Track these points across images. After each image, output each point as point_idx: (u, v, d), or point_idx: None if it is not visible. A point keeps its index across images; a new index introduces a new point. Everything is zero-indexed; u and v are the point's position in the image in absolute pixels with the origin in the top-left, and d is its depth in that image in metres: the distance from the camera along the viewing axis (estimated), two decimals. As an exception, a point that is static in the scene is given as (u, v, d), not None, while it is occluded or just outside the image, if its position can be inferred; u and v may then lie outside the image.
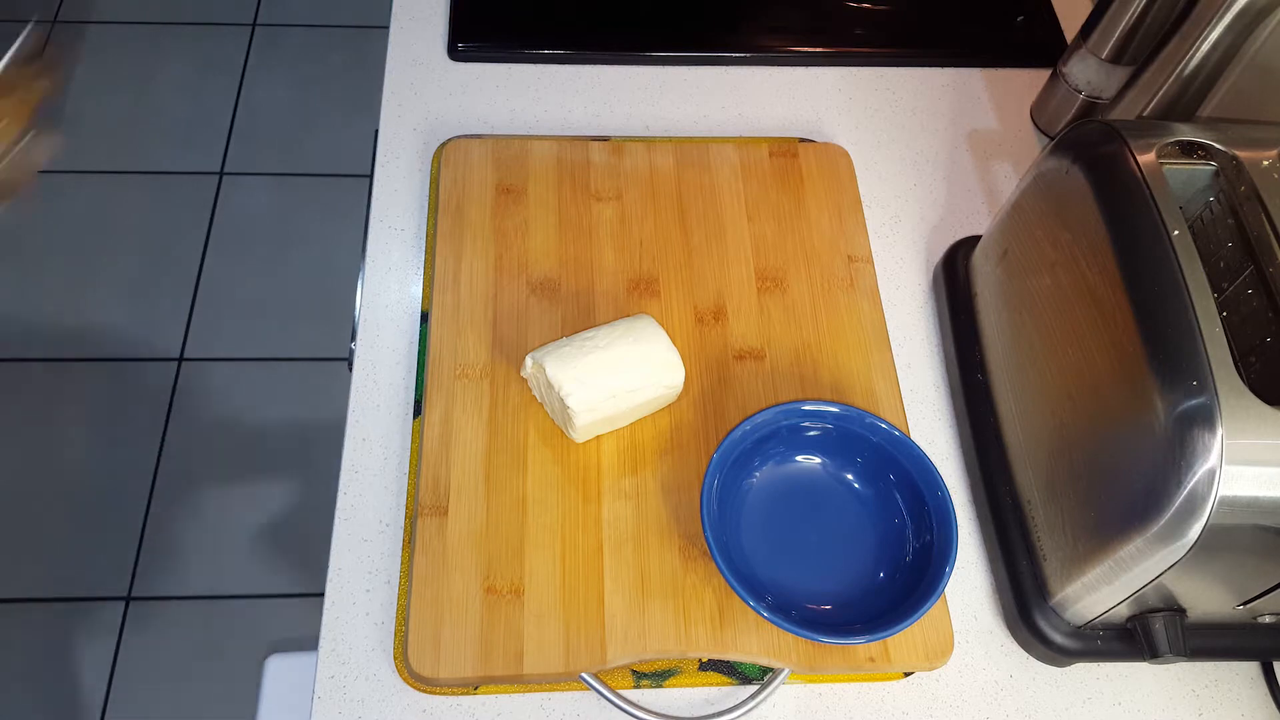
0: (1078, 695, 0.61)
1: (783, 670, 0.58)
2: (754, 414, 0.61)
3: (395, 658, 0.58)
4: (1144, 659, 0.56)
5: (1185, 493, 0.47)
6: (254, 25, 2.05)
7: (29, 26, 0.45)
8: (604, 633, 0.58)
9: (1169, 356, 0.49)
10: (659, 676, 0.59)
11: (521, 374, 0.63)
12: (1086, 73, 0.77)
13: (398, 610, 0.60)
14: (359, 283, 0.73)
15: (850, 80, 0.87)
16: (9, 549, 1.48)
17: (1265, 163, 0.55)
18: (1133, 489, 0.50)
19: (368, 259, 0.73)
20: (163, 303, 1.70)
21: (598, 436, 0.64)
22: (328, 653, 0.59)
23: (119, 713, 1.36)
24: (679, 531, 0.61)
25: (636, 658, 0.57)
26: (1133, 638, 0.57)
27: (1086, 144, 0.59)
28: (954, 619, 0.61)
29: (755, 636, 0.58)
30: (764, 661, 0.58)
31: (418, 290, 0.71)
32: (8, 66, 0.51)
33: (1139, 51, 0.73)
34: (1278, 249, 0.53)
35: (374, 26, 2.10)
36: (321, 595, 0.60)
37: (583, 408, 0.60)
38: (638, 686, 0.59)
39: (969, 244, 0.73)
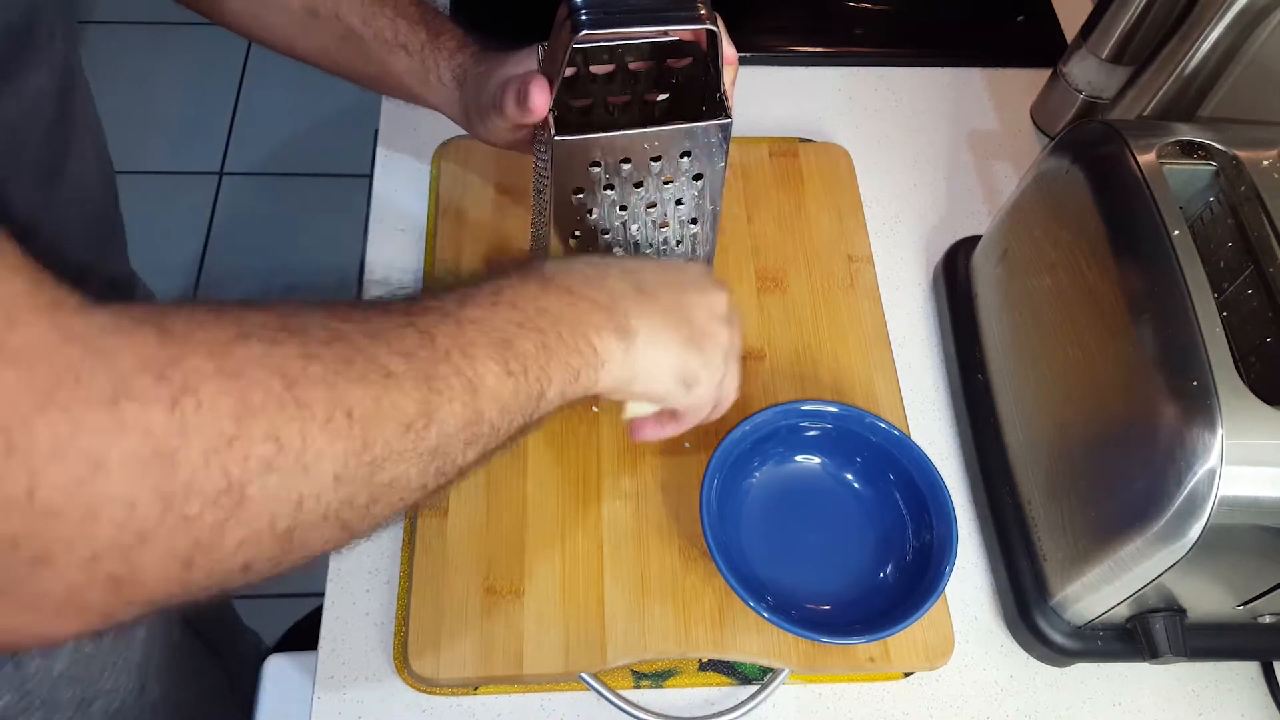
0: (1078, 695, 0.61)
1: (783, 670, 0.58)
2: (753, 414, 0.61)
3: (395, 658, 0.58)
4: (1144, 659, 0.56)
5: (1185, 493, 0.47)
6: (254, 25, 2.05)
7: None
8: (604, 633, 0.58)
9: (1169, 356, 0.49)
10: (659, 676, 0.59)
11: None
12: (1086, 73, 0.77)
13: (398, 610, 0.60)
14: (359, 283, 0.73)
15: (850, 80, 0.87)
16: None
17: (1265, 163, 0.55)
18: (1133, 489, 0.50)
19: (368, 259, 0.73)
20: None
21: (598, 436, 0.64)
22: (328, 653, 0.59)
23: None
24: (679, 531, 0.61)
25: (636, 658, 0.57)
26: (1133, 638, 0.57)
27: (1086, 144, 0.59)
28: (954, 619, 0.61)
29: (755, 636, 0.58)
30: (764, 661, 0.58)
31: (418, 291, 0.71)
32: None
33: (1139, 51, 0.73)
34: (1278, 249, 0.53)
35: (374, 26, 2.10)
36: (321, 595, 0.60)
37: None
38: (638, 686, 0.59)
39: (969, 244, 0.73)
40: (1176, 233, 0.52)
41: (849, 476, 0.63)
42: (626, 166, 0.54)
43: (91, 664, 0.63)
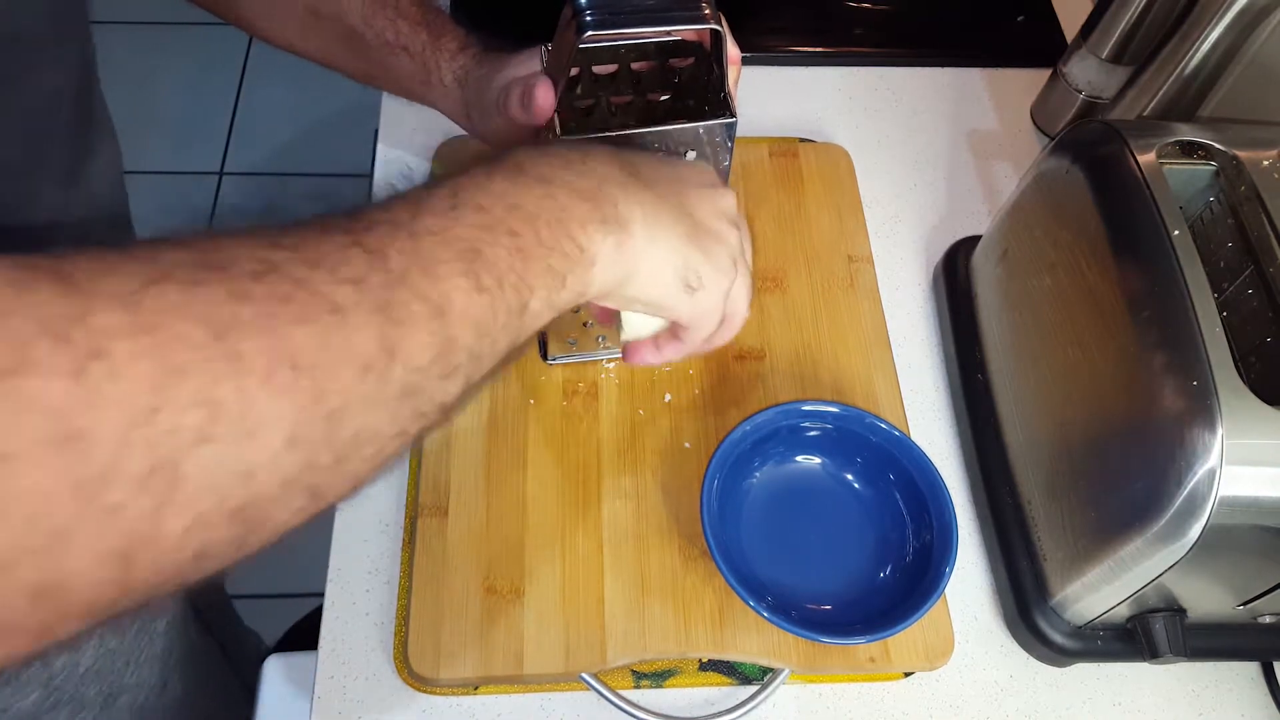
0: (1078, 695, 0.61)
1: (783, 670, 0.58)
2: (754, 414, 0.61)
3: (395, 658, 0.58)
4: (1144, 659, 0.56)
5: (1185, 493, 0.47)
6: (254, 25, 2.05)
7: None
8: (604, 633, 0.58)
9: (1169, 356, 0.49)
10: (659, 676, 0.59)
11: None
12: (1086, 73, 0.77)
13: (398, 610, 0.60)
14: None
15: (850, 80, 0.87)
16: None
17: (1265, 163, 0.55)
18: (1133, 489, 0.50)
19: (368, 259, 0.73)
20: (163, 303, 1.70)
21: (597, 437, 0.64)
22: (328, 653, 0.59)
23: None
24: (679, 531, 0.61)
25: (636, 658, 0.57)
26: (1133, 638, 0.57)
27: (1086, 144, 0.59)
28: (954, 619, 0.61)
29: (755, 637, 0.58)
30: (764, 662, 0.58)
31: (418, 290, 0.71)
32: None
33: (1139, 51, 0.73)
34: (1278, 249, 0.53)
35: (374, 26, 2.10)
36: (321, 595, 0.60)
37: None
38: (638, 686, 0.59)
39: (969, 244, 0.73)
40: (1176, 233, 0.52)
41: (849, 476, 0.63)
42: None
43: (115, 659, 0.63)
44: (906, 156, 0.82)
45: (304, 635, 1.31)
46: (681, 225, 0.43)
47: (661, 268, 0.43)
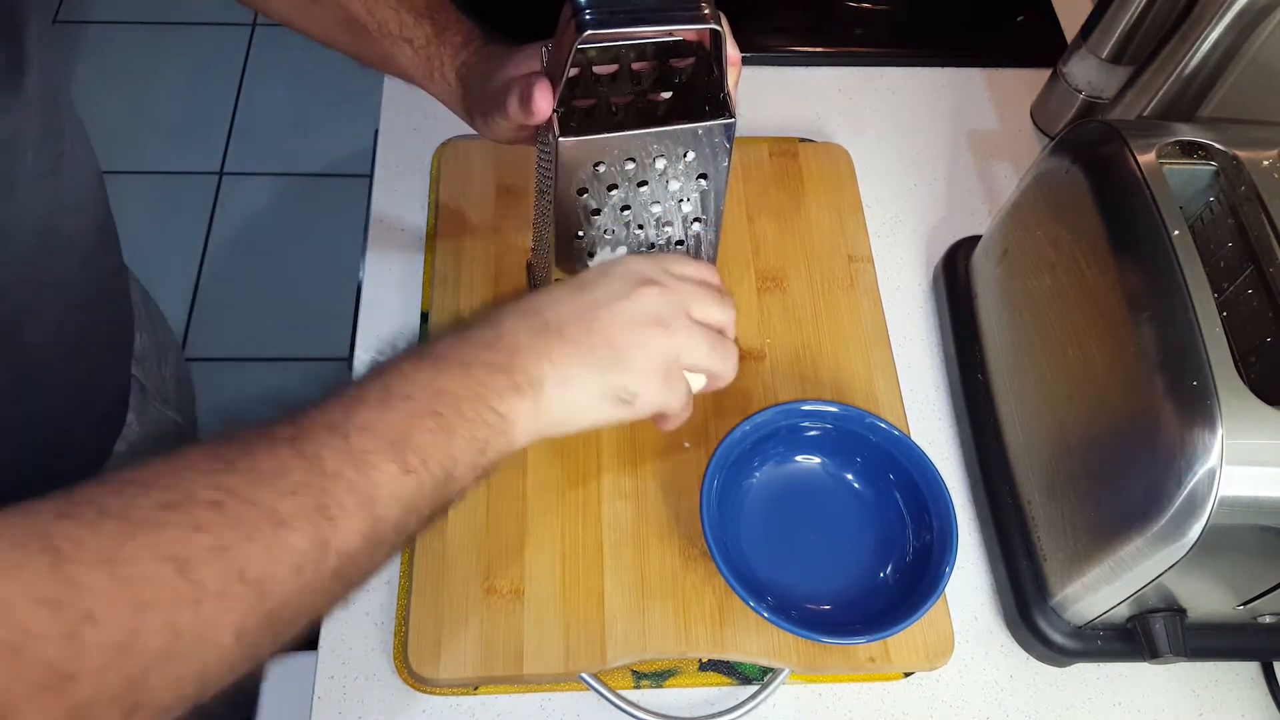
0: (1078, 695, 0.61)
1: (783, 670, 0.58)
2: (754, 414, 0.61)
3: (395, 658, 0.58)
4: (1144, 659, 0.56)
5: (1185, 493, 0.47)
6: (254, 25, 2.05)
7: None
8: (604, 633, 0.58)
9: (1169, 356, 0.49)
10: (659, 676, 0.59)
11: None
12: (1086, 73, 0.77)
13: (398, 610, 0.60)
14: (359, 283, 0.73)
15: (850, 80, 0.87)
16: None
17: (1265, 163, 0.55)
18: (1133, 489, 0.50)
19: (368, 259, 0.73)
20: (163, 303, 1.70)
21: (597, 437, 0.64)
22: (328, 653, 0.59)
23: None
24: (679, 531, 0.61)
25: (636, 658, 0.57)
26: (1133, 638, 0.57)
27: (1086, 144, 0.59)
28: (954, 619, 0.61)
29: (755, 637, 0.58)
30: (764, 662, 0.58)
31: (418, 290, 0.71)
32: None
33: (1139, 51, 0.73)
34: (1278, 249, 0.53)
35: (374, 26, 2.10)
36: (321, 595, 0.60)
37: None
38: (638, 686, 0.59)
39: (969, 244, 0.73)
40: (1176, 233, 0.52)
41: (849, 476, 0.63)
42: (630, 166, 0.54)
43: None
44: (906, 156, 0.82)
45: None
46: (596, 356, 0.48)
47: (585, 401, 0.48)
